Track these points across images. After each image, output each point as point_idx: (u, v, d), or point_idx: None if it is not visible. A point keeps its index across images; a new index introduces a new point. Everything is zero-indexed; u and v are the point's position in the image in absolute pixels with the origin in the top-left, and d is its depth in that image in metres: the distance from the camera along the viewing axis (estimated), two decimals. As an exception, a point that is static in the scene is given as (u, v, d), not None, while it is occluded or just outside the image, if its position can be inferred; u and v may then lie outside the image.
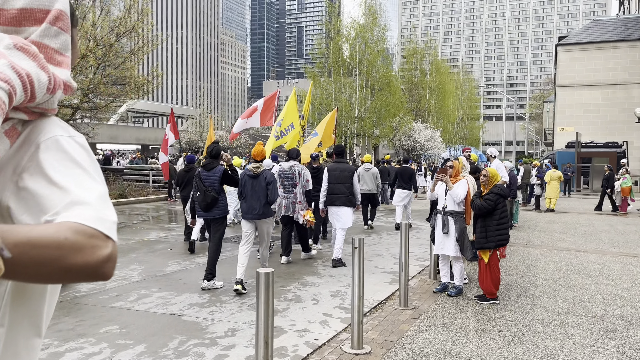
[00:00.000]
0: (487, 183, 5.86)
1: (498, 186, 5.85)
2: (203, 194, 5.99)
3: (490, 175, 5.79)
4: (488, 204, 5.63)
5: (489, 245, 5.63)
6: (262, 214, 6.13)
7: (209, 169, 6.14)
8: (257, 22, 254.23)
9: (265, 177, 6.14)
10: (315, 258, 8.20)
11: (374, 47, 37.25)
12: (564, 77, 36.13)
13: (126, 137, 54.57)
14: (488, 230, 5.65)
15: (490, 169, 5.91)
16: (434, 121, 49.61)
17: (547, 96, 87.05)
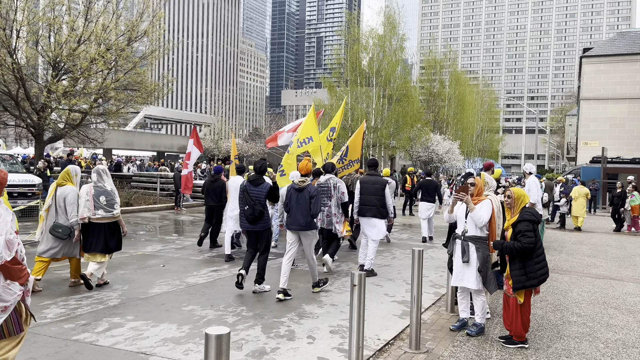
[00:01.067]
0: (512, 206, 4.96)
1: (528, 210, 4.98)
2: (252, 208, 6.32)
3: (516, 197, 4.90)
4: (527, 241, 4.63)
5: (532, 284, 4.70)
6: (305, 226, 6.34)
7: (257, 184, 6.47)
8: (277, 32, 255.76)
9: (309, 191, 6.34)
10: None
11: (392, 57, 36.51)
12: (589, 90, 34.91)
13: (142, 144, 54.51)
14: (527, 266, 4.72)
15: (516, 189, 5.06)
16: (453, 133, 48.58)
17: (569, 109, 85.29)
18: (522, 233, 4.74)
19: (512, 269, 4.83)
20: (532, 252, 4.75)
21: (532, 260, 4.78)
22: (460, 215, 5.07)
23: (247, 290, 6.56)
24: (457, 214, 5.10)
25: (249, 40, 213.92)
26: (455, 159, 39.98)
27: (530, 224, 4.79)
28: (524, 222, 4.79)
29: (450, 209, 5.11)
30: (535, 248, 4.78)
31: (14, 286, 3.08)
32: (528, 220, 4.81)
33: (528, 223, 4.78)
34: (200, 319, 5.30)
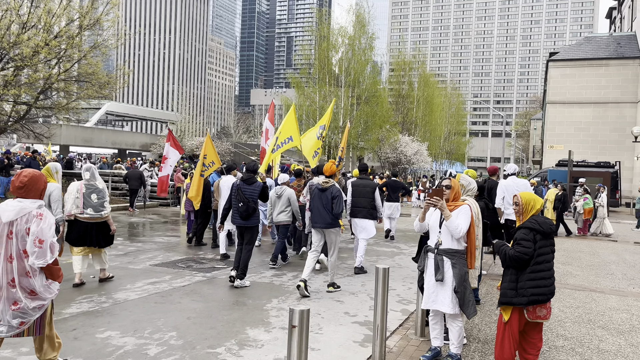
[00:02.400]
0: (520, 213, 4.17)
1: (534, 218, 4.14)
2: (245, 205, 6.69)
3: (524, 202, 4.11)
4: (522, 250, 3.91)
5: (519, 302, 3.95)
6: (329, 224, 6.61)
7: (250, 183, 6.90)
8: (247, 30, 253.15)
9: (332, 192, 6.67)
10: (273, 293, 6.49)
11: (361, 56, 35.84)
12: (555, 94, 35.07)
13: (101, 141, 52.31)
14: (520, 280, 4.00)
15: (525, 194, 4.21)
16: (421, 134, 48.34)
17: (533, 114, 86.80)
18: (517, 241, 4.04)
19: (504, 279, 4.14)
20: (527, 265, 4.02)
21: (525, 274, 4.04)
22: (433, 225, 4.23)
23: (185, 309, 5.59)
24: (430, 223, 4.26)
25: (218, 38, 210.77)
26: (423, 160, 39.63)
27: (530, 232, 4.04)
28: (524, 230, 4.07)
29: (421, 216, 4.27)
30: (529, 261, 4.03)
31: (54, 285, 3.45)
32: (529, 228, 4.06)
33: (528, 231, 4.04)
34: (113, 352, 4.29)
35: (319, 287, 6.97)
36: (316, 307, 5.93)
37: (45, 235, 3.33)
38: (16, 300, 3.36)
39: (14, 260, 3.35)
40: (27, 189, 3.43)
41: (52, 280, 3.46)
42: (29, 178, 3.43)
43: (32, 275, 3.37)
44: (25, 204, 3.39)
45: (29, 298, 3.38)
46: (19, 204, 3.38)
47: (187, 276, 7.43)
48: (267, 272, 7.89)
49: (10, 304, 3.36)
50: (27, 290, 3.37)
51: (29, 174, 3.46)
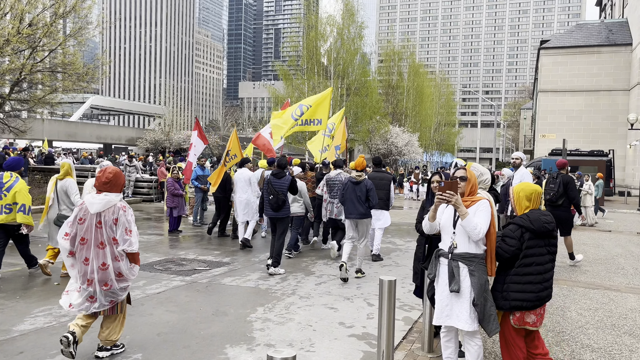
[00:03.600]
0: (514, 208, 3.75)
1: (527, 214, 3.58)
2: (275, 197, 7.18)
3: (515, 195, 3.73)
4: (503, 246, 3.51)
5: (499, 305, 3.53)
6: (363, 214, 7.08)
7: (279, 177, 7.39)
8: (234, 22, 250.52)
9: (365, 184, 7.13)
10: (264, 297, 5.80)
11: (350, 45, 35.04)
12: (547, 82, 34.57)
13: (85, 135, 51.05)
14: (506, 282, 3.54)
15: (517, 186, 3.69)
16: (412, 125, 47.73)
17: (522, 104, 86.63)
18: (502, 237, 3.56)
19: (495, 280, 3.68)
20: (510, 264, 3.53)
21: (508, 276, 3.53)
22: (445, 224, 3.55)
23: (157, 322, 4.86)
24: (441, 222, 3.57)
25: (205, 31, 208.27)
26: (414, 151, 39.02)
27: (518, 229, 3.54)
28: (511, 226, 3.58)
29: (431, 214, 3.57)
30: (512, 261, 3.52)
31: (135, 268, 4.02)
32: (517, 224, 3.56)
33: (515, 227, 3.55)
34: None
35: (310, 292, 6.29)
36: (307, 316, 5.24)
37: (132, 225, 3.95)
38: (107, 281, 3.90)
39: (105, 247, 3.88)
40: (112, 184, 3.94)
41: (134, 264, 4.06)
42: (113, 174, 3.94)
43: (120, 259, 3.93)
44: (111, 197, 3.91)
45: (117, 279, 3.94)
46: (105, 197, 3.89)
47: (164, 280, 6.71)
48: (252, 275, 7.19)
49: (102, 285, 3.90)
50: (116, 272, 3.93)
51: (113, 170, 3.96)
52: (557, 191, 8.06)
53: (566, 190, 8.08)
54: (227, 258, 8.47)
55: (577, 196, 8.18)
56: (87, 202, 3.93)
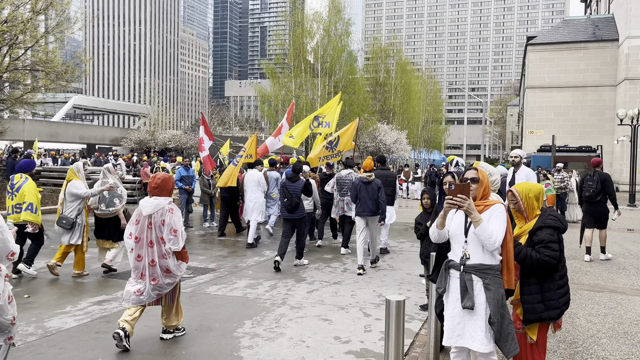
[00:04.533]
0: (524, 210, 3.49)
1: (552, 214, 3.34)
2: (290, 200, 7.59)
3: (523, 197, 3.49)
4: (551, 254, 3.25)
5: (550, 316, 3.32)
6: (374, 212, 7.56)
7: (294, 181, 7.80)
8: (219, 21, 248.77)
9: (376, 184, 7.64)
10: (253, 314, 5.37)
11: (337, 42, 34.62)
12: (534, 78, 34.50)
13: (68, 135, 50.02)
14: (546, 290, 3.34)
15: (519, 186, 3.41)
16: (400, 122, 47.47)
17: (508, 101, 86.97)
18: (544, 243, 3.28)
19: (525, 292, 3.37)
20: (555, 270, 3.32)
21: (554, 282, 3.34)
22: (455, 232, 3.15)
23: (134, 341, 4.41)
24: (450, 230, 3.18)
25: (190, 29, 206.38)
26: (403, 149, 38.73)
27: (555, 232, 3.33)
28: (547, 230, 3.32)
29: (439, 221, 3.18)
30: (559, 266, 3.34)
31: (182, 265, 4.43)
32: (553, 227, 3.33)
33: (553, 231, 3.32)
34: None
35: (301, 301, 5.87)
36: (299, 330, 4.83)
37: (177, 226, 4.26)
38: (155, 277, 4.29)
39: (154, 245, 4.27)
40: (161, 189, 4.28)
41: (182, 261, 4.42)
42: (162, 180, 4.29)
43: (167, 257, 4.29)
44: (160, 200, 4.27)
45: (164, 275, 4.31)
46: (155, 200, 4.26)
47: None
48: (239, 282, 6.76)
49: (151, 280, 4.28)
50: (164, 269, 4.30)
51: (162, 177, 4.30)
52: (595, 188, 8.56)
53: (604, 187, 8.57)
54: (212, 264, 8.03)
55: (614, 192, 8.71)
56: (141, 205, 4.35)
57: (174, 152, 41.38)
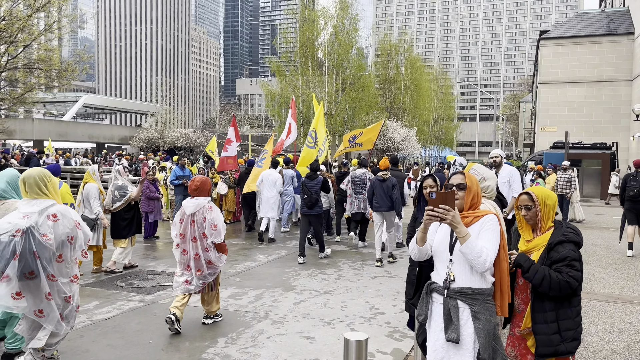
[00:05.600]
0: (539, 219, 2.94)
1: (571, 227, 2.85)
2: (309, 196, 8.19)
3: (541, 201, 2.93)
4: (576, 275, 2.76)
5: (568, 349, 2.79)
6: (389, 207, 8.00)
7: (312, 179, 8.36)
8: (230, 19, 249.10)
9: (391, 182, 8.04)
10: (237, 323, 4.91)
11: (345, 38, 34.07)
12: (547, 74, 33.64)
13: (77, 135, 49.97)
14: (562, 318, 2.80)
15: (539, 189, 2.87)
16: (409, 119, 46.78)
17: (521, 97, 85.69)
18: (567, 261, 2.75)
19: (539, 320, 2.81)
20: (574, 294, 2.81)
21: (572, 307, 2.81)
22: (438, 248, 2.65)
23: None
24: (434, 245, 2.68)
25: (201, 28, 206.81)
26: (412, 146, 38.06)
27: (576, 248, 2.82)
28: (569, 245, 2.79)
29: (419, 236, 2.67)
30: (578, 289, 2.83)
31: (223, 257, 4.99)
32: (575, 242, 2.82)
33: (575, 247, 2.81)
34: None
35: (285, 314, 5.40)
36: (276, 351, 4.36)
37: (217, 221, 4.79)
38: (199, 268, 4.82)
39: (197, 241, 4.79)
40: (200, 190, 4.77)
41: (222, 254, 4.95)
42: (200, 183, 4.77)
43: (209, 250, 4.83)
44: (200, 200, 4.79)
45: (207, 266, 4.85)
46: (196, 201, 4.79)
47: (120, 301, 5.82)
48: (224, 292, 6.30)
49: (196, 271, 4.82)
50: (207, 261, 4.84)
51: (200, 179, 4.77)
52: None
53: None
54: (200, 270, 7.58)
55: None
56: (184, 205, 4.91)
57: (182, 150, 41.19)
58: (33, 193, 3.47)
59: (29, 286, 3.28)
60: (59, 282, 3.37)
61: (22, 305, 3.27)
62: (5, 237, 3.22)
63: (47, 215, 3.36)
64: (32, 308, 3.30)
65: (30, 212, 3.35)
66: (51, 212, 3.39)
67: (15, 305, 3.26)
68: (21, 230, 3.24)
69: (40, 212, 3.36)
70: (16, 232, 3.23)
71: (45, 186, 3.50)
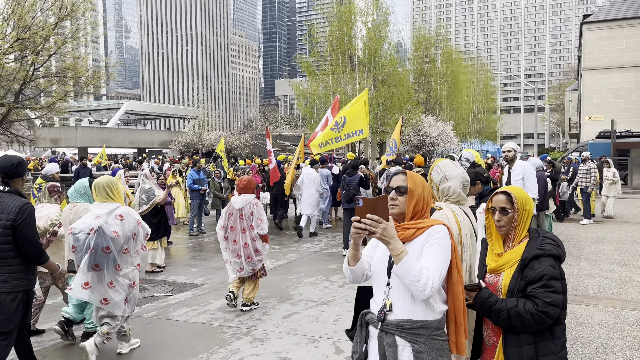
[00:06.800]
0: (511, 226, 2.31)
1: (548, 237, 2.26)
2: (347, 191, 8.81)
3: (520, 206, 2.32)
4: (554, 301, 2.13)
5: None
6: None
7: (351, 175, 8.94)
8: (268, 21, 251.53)
9: None
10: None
11: (375, 33, 33.33)
12: (591, 59, 31.86)
13: (118, 140, 51.35)
14: (543, 354, 2.18)
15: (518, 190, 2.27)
16: (447, 114, 45.47)
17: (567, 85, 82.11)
18: (542, 283, 2.12)
19: (513, 356, 2.19)
20: (557, 322, 2.17)
21: (554, 340, 2.18)
22: (377, 268, 2.14)
23: None
24: (373, 265, 2.16)
25: (240, 31, 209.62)
26: (449, 141, 36.86)
27: (556, 263, 2.18)
28: (547, 260, 2.17)
29: (350, 254, 2.15)
30: (561, 316, 2.19)
31: (266, 246, 5.70)
32: (554, 255, 2.18)
33: (554, 262, 2.17)
34: None
35: (270, 330, 4.95)
36: None
37: (262, 215, 5.59)
38: (249, 255, 5.51)
39: (246, 232, 5.52)
40: (247, 188, 5.51)
41: (265, 243, 5.69)
42: (247, 182, 5.52)
43: (256, 239, 5.55)
44: (247, 197, 5.53)
45: (255, 254, 5.55)
46: (244, 197, 5.51)
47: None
48: (214, 303, 5.93)
49: (246, 259, 5.51)
50: (254, 249, 5.54)
51: (246, 179, 5.52)
52: None
53: None
54: (200, 278, 7.26)
55: None
56: (233, 201, 5.59)
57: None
58: (102, 197, 4.15)
59: (95, 277, 3.93)
60: (125, 270, 4.06)
61: (89, 294, 3.93)
62: (82, 235, 3.94)
63: (114, 215, 4.05)
64: (98, 297, 3.95)
65: (100, 213, 4.04)
66: (118, 213, 4.08)
67: (83, 294, 3.93)
68: (94, 229, 3.93)
69: (109, 213, 4.04)
70: (90, 230, 3.93)
71: (112, 191, 4.16)
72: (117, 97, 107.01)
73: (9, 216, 3.32)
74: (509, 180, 5.93)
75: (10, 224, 3.32)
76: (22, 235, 3.34)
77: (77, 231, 3.95)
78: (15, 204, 3.37)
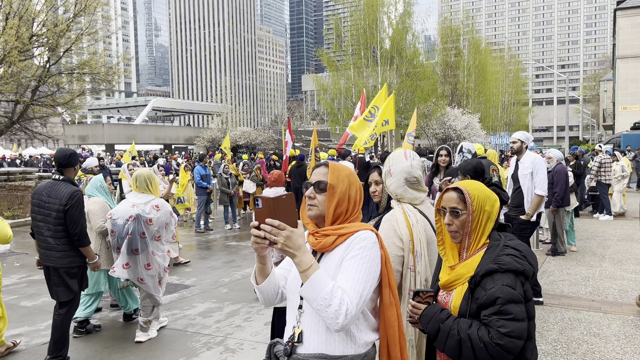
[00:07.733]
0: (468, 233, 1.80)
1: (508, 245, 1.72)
2: None
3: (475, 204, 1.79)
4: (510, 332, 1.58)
5: None
6: None
7: None
8: (295, 16, 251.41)
9: None
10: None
11: (398, 24, 32.55)
12: (626, 47, 30.41)
13: (145, 137, 51.90)
14: None
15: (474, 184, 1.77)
16: (474, 106, 44.24)
17: (602, 75, 79.18)
18: (496, 308, 1.58)
19: None
20: (528, 338, 1.65)
21: None
22: (291, 287, 1.69)
23: None
24: (288, 283, 1.71)
25: (267, 27, 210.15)
26: (475, 134, 35.79)
27: (517, 281, 1.63)
28: (503, 277, 1.62)
29: (257, 267, 1.70)
30: (527, 349, 1.65)
31: None
32: (514, 270, 1.63)
33: (514, 279, 1.63)
34: None
35: (246, 338, 4.54)
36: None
37: None
38: None
39: None
40: (278, 181, 5.42)
41: None
42: (278, 175, 5.45)
43: None
44: (278, 189, 5.34)
45: None
46: (275, 190, 5.30)
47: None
48: (198, 307, 5.57)
49: None
50: None
51: (277, 173, 5.46)
52: None
53: None
54: (193, 279, 6.92)
55: None
56: (264, 193, 5.45)
57: (245, 148, 41.65)
58: (141, 188, 4.55)
59: (134, 260, 4.37)
60: (158, 256, 4.49)
61: (129, 272, 4.38)
62: (121, 220, 4.37)
63: (151, 205, 4.48)
64: (136, 276, 4.41)
65: (138, 202, 4.46)
66: (154, 203, 4.51)
67: (124, 273, 4.37)
68: (132, 216, 4.36)
69: (146, 203, 4.47)
70: (129, 217, 4.36)
71: (151, 184, 4.58)
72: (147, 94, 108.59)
73: (62, 201, 3.84)
74: (515, 173, 5.33)
75: (63, 208, 3.83)
76: (70, 217, 3.84)
77: (116, 217, 4.40)
78: (67, 190, 3.88)
